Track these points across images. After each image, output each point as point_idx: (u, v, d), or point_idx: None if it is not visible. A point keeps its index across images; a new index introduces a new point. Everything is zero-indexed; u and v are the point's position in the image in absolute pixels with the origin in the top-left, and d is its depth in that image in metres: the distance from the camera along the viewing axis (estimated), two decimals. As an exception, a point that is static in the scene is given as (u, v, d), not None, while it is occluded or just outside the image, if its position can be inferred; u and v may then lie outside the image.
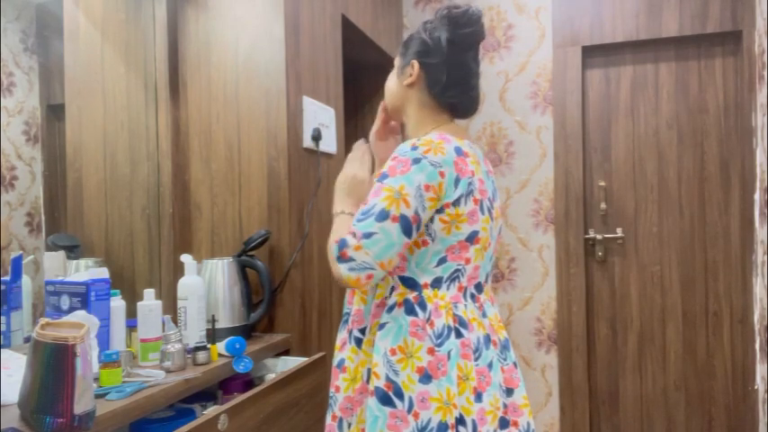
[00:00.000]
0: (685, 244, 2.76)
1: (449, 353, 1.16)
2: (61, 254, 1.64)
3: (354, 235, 1.12)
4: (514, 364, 1.28)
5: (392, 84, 1.36)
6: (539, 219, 2.90)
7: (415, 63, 1.28)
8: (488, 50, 2.96)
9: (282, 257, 1.83)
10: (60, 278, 1.47)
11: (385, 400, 1.15)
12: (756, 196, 2.48)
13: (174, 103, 1.90)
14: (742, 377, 2.69)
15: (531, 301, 2.91)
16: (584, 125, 2.86)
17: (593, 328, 2.87)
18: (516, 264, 2.93)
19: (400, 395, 1.15)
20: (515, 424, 1.23)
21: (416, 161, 1.15)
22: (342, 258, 1.12)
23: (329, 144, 2.08)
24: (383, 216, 1.12)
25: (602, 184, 2.84)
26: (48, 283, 1.44)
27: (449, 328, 1.17)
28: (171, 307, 1.70)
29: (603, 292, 2.86)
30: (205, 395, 1.56)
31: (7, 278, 1.44)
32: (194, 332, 1.57)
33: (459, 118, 1.33)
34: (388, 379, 1.16)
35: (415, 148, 1.17)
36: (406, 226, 1.13)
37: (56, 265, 1.60)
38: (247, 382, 1.67)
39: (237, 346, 1.53)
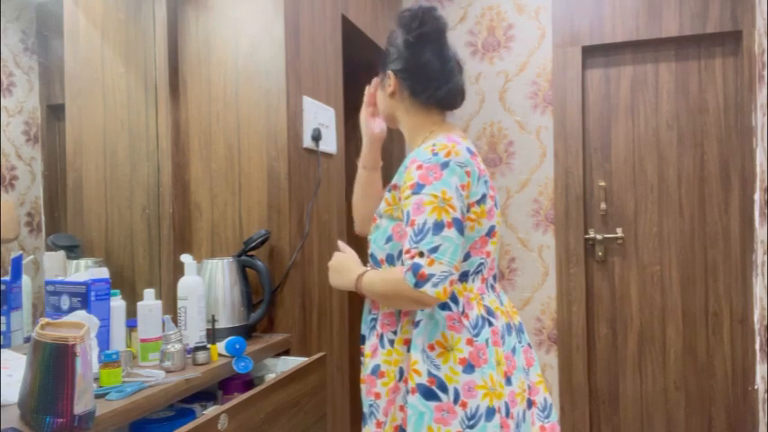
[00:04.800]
0: (685, 244, 2.76)
1: (486, 341, 1.22)
2: (61, 254, 1.64)
3: (422, 254, 1.13)
4: (529, 345, 1.35)
5: (379, 97, 1.42)
6: (539, 219, 2.90)
7: (390, 73, 1.35)
8: (488, 50, 2.96)
9: (282, 257, 1.83)
10: (60, 278, 1.47)
11: (429, 395, 1.18)
12: (756, 196, 2.48)
13: (174, 103, 1.90)
14: (742, 377, 2.69)
15: (531, 301, 2.91)
16: (584, 125, 2.86)
17: (593, 328, 2.87)
18: (516, 264, 2.93)
19: (444, 388, 1.18)
20: (534, 403, 1.29)
21: (445, 165, 1.19)
22: (421, 281, 1.12)
23: (329, 144, 2.08)
24: (439, 227, 1.14)
25: (602, 184, 2.84)
26: (48, 283, 1.44)
27: (482, 318, 1.23)
28: (171, 307, 1.70)
29: (603, 292, 2.86)
30: (205, 395, 1.56)
31: (7, 278, 1.44)
32: (194, 332, 1.57)
33: (448, 110, 1.38)
34: (430, 374, 1.19)
35: (436, 153, 1.20)
36: (460, 227, 1.17)
37: (56, 265, 1.60)
38: (247, 382, 1.67)
39: (237, 347, 1.53)
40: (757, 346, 2.49)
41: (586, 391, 2.82)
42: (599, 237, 2.83)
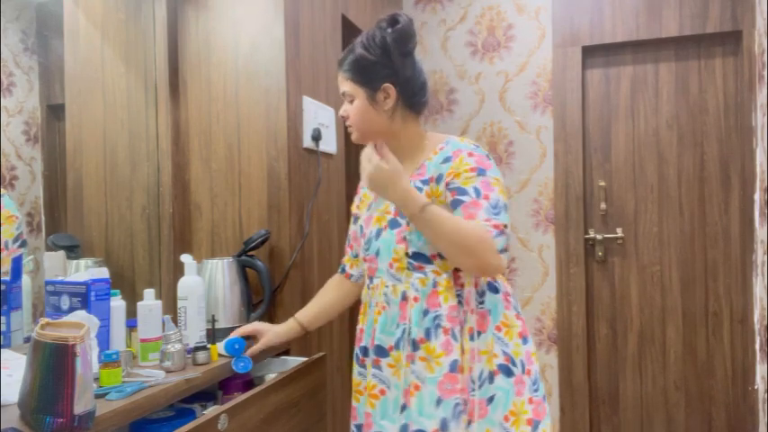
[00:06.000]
0: (685, 244, 2.76)
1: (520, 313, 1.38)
2: (61, 254, 1.64)
3: (506, 226, 1.23)
4: None
5: (367, 114, 1.34)
6: (539, 219, 2.90)
7: (389, 87, 1.32)
8: (488, 50, 2.96)
9: (282, 257, 1.83)
10: (60, 278, 1.47)
11: (509, 372, 1.28)
12: (756, 196, 2.48)
13: (174, 103, 1.90)
14: (742, 377, 2.69)
15: (531, 301, 2.91)
16: (584, 125, 2.86)
17: (593, 328, 2.87)
18: (516, 264, 2.93)
19: (514, 363, 1.29)
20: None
21: (488, 157, 1.32)
22: (504, 251, 1.22)
23: (329, 144, 2.08)
24: (506, 209, 1.26)
25: (602, 184, 2.84)
26: (48, 283, 1.44)
27: (512, 296, 1.38)
28: (171, 307, 1.70)
29: (603, 292, 2.86)
30: (205, 395, 1.56)
31: (7, 278, 1.44)
32: (194, 332, 1.57)
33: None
34: (504, 353, 1.29)
35: (477, 145, 1.33)
36: None
37: (56, 265, 1.60)
38: (247, 382, 1.67)
39: (237, 347, 1.53)
40: (757, 346, 2.49)
41: (586, 391, 2.82)
42: (599, 237, 2.83)
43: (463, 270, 1.28)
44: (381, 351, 1.33)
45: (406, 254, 1.30)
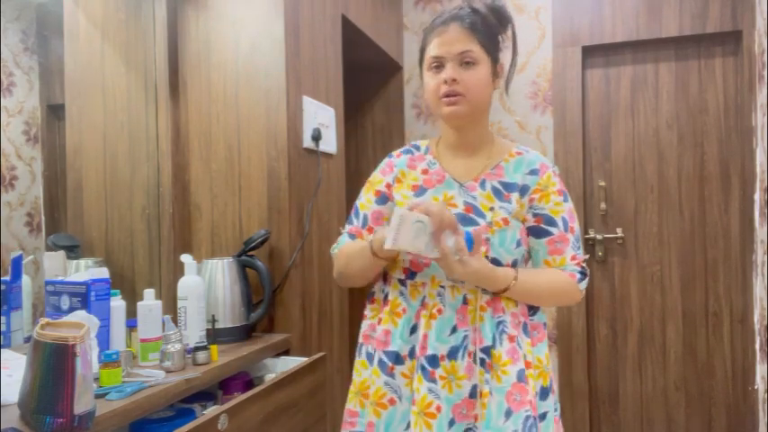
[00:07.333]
0: (685, 244, 2.76)
1: None
2: (61, 254, 1.64)
3: (586, 262, 1.25)
4: None
5: (486, 87, 1.24)
6: (539, 219, 2.89)
7: (503, 65, 1.29)
8: (488, 50, 2.95)
9: (282, 257, 1.83)
10: (60, 278, 1.47)
11: (551, 390, 1.25)
12: (756, 196, 2.48)
13: (174, 104, 1.90)
14: (742, 377, 2.69)
15: (531, 301, 2.91)
16: (584, 125, 2.86)
17: (593, 328, 2.87)
18: (516, 264, 2.92)
19: (547, 379, 1.25)
20: None
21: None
22: (586, 287, 1.26)
23: (329, 144, 2.08)
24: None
25: (602, 184, 2.84)
26: (48, 283, 1.44)
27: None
28: (171, 307, 1.70)
29: (603, 292, 2.86)
30: (205, 395, 1.56)
31: (7, 278, 1.44)
32: (194, 332, 1.57)
33: None
34: (545, 368, 1.24)
35: (554, 164, 1.31)
36: None
37: (56, 265, 1.60)
38: (247, 382, 1.67)
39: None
40: (757, 346, 2.49)
41: (586, 391, 2.82)
42: (599, 237, 2.83)
43: None
44: (435, 361, 1.18)
45: (492, 257, 1.18)
